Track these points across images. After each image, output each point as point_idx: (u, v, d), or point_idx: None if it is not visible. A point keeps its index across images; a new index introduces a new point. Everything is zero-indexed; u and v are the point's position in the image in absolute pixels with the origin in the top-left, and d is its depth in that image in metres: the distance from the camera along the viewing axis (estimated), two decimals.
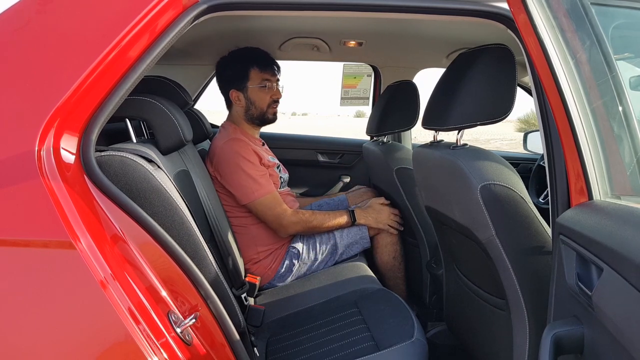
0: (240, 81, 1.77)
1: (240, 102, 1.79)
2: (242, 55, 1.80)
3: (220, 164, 1.64)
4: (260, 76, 1.76)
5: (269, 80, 1.78)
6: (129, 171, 0.96)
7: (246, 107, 1.79)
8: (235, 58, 1.80)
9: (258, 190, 1.63)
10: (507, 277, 1.01)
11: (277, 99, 1.82)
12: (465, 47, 1.36)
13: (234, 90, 1.79)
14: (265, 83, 1.77)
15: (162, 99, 1.15)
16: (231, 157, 1.64)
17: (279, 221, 1.66)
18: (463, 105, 1.07)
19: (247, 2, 0.97)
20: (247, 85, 1.76)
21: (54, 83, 0.80)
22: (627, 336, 0.59)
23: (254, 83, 1.76)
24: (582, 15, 0.79)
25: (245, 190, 1.63)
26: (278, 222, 1.67)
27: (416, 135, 2.93)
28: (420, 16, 1.02)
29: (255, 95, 1.77)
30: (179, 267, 0.91)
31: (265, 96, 1.78)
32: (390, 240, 1.88)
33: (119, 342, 0.72)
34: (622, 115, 0.78)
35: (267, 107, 1.79)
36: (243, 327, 1.19)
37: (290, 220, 1.67)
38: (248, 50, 1.83)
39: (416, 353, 1.17)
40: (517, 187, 1.00)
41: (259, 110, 1.79)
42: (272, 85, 1.79)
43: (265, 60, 1.79)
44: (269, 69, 1.78)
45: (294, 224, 1.68)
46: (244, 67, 1.76)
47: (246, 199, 1.64)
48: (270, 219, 1.67)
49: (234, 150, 1.65)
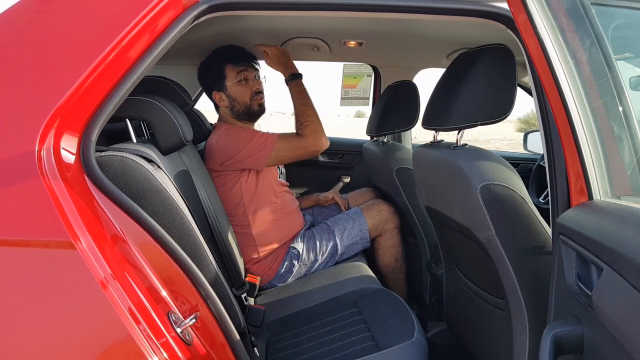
0: (219, 81, 1.77)
1: (224, 101, 1.79)
2: (215, 56, 1.79)
3: (222, 153, 1.65)
4: (235, 70, 1.76)
5: (246, 71, 1.77)
6: (129, 171, 0.96)
7: (230, 105, 1.79)
8: (209, 61, 1.80)
9: (265, 147, 1.66)
10: (507, 277, 1.01)
11: (257, 90, 1.80)
12: (465, 47, 1.36)
13: (216, 92, 1.79)
14: (241, 76, 1.76)
15: (162, 99, 1.15)
16: (229, 140, 1.65)
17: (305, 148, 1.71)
18: (463, 105, 1.07)
19: (247, 2, 0.97)
20: (225, 84, 1.77)
21: (54, 83, 0.80)
22: (627, 336, 0.59)
23: (231, 79, 1.76)
24: (582, 15, 0.79)
25: (257, 156, 1.65)
26: (305, 150, 1.71)
27: (416, 135, 2.93)
28: (420, 16, 1.02)
29: (235, 91, 1.77)
30: (179, 267, 0.91)
31: (245, 89, 1.77)
32: (392, 242, 1.88)
33: (119, 342, 0.72)
34: (622, 115, 0.78)
35: (250, 100, 1.78)
36: (243, 327, 1.19)
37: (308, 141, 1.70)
38: (220, 49, 1.82)
39: (416, 353, 1.17)
40: (517, 187, 1.00)
41: (242, 105, 1.78)
42: (249, 76, 1.78)
43: (237, 54, 1.78)
44: (242, 61, 1.77)
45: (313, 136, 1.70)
46: (218, 66, 1.76)
47: (263, 161, 1.66)
48: (299, 154, 1.71)
49: (229, 134, 1.67)
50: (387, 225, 1.86)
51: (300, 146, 1.70)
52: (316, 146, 1.72)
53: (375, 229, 1.85)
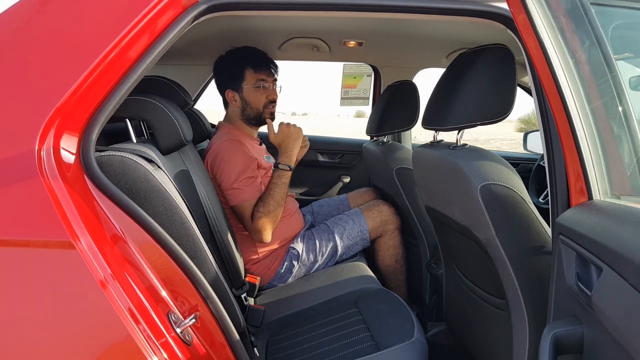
0: (236, 81, 1.76)
1: (236, 102, 1.78)
2: (238, 55, 1.78)
3: (215, 164, 1.64)
4: (255, 77, 1.75)
5: (264, 81, 1.76)
6: (129, 171, 0.96)
7: (242, 108, 1.78)
8: (231, 58, 1.79)
9: (238, 195, 1.60)
10: (507, 277, 1.01)
11: (272, 99, 1.79)
12: (465, 47, 1.36)
13: (230, 90, 1.78)
14: (260, 83, 1.75)
15: (162, 99, 1.15)
16: (224, 157, 1.63)
17: (248, 229, 1.62)
18: (463, 105, 1.07)
19: (247, 2, 0.97)
20: (242, 86, 1.76)
21: (54, 83, 0.80)
22: (627, 336, 0.59)
23: (249, 83, 1.75)
24: (581, 15, 0.79)
25: (233, 193, 1.61)
26: (248, 229, 1.62)
27: (416, 135, 2.93)
28: (420, 16, 1.02)
29: (251, 96, 1.76)
30: (179, 267, 0.91)
31: (261, 97, 1.76)
32: (393, 243, 1.87)
33: (119, 342, 0.72)
34: (622, 115, 0.78)
35: (263, 107, 1.78)
36: (243, 327, 1.19)
37: (254, 228, 1.59)
38: (244, 50, 1.81)
39: (416, 353, 1.17)
40: (517, 187, 1.00)
41: (254, 110, 1.78)
42: (267, 85, 1.77)
43: (260, 60, 1.77)
44: (264, 69, 1.76)
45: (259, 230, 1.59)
46: (239, 67, 1.75)
47: (232, 202, 1.61)
48: (243, 223, 1.63)
49: (227, 150, 1.64)
50: (388, 227, 1.86)
51: (246, 223, 1.61)
52: (256, 236, 1.61)
53: (376, 230, 1.85)
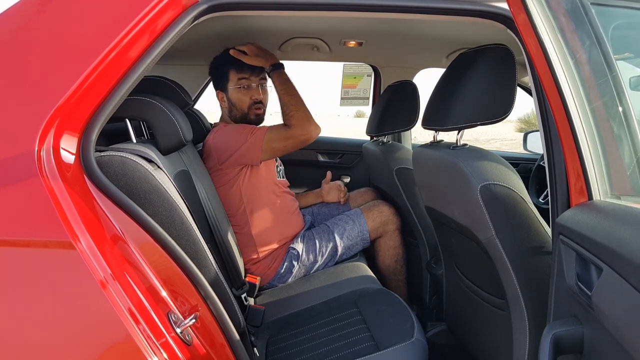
0: (222, 82, 1.78)
1: (225, 102, 1.80)
2: (223, 56, 1.77)
3: (221, 151, 1.65)
4: (237, 76, 1.75)
5: (247, 80, 1.75)
6: (129, 171, 0.96)
7: (229, 109, 1.80)
8: (218, 59, 1.80)
9: (257, 140, 1.62)
10: (507, 277, 1.01)
11: (257, 99, 1.77)
12: (465, 47, 1.36)
13: (219, 91, 1.80)
14: (242, 83, 1.74)
15: (162, 99, 1.15)
16: (227, 138, 1.65)
17: (294, 138, 1.63)
18: (463, 105, 1.07)
19: (247, 2, 0.97)
20: (227, 86, 1.77)
21: (54, 83, 0.80)
22: (627, 336, 0.59)
23: (232, 84, 1.76)
24: (581, 15, 0.79)
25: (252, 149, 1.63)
26: (295, 139, 1.64)
27: (416, 136, 2.93)
28: (420, 16, 1.02)
29: (234, 96, 1.77)
30: (179, 267, 0.91)
31: (244, 97, 1.76)
32: (393, 244, 1.87)
33: (119, 342, 0.72)
34: (622, 115, 0.78)
35: (247, 108, 1.77)
36: (243, 327, 1.19)
37: (296, 131, 1.62)
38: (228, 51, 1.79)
39: (416, 353, 1.17)
40: (517, 187, 1.00)
41: (240, 111, 1.77)
42: (250, 85, 1.75)
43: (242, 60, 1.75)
44: (245, 69, 1.74)
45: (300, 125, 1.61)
46: (224, 67, 1.76)
47: (258, 154, 1.63)
48: (290, 144, 1.64)
49: (226, 132, 1.67)
50: (388, 227, 1.86)
51: (289, 136, 1.63)
52: (305, 135, 1.63)
53: (376, 230, 1.85)
